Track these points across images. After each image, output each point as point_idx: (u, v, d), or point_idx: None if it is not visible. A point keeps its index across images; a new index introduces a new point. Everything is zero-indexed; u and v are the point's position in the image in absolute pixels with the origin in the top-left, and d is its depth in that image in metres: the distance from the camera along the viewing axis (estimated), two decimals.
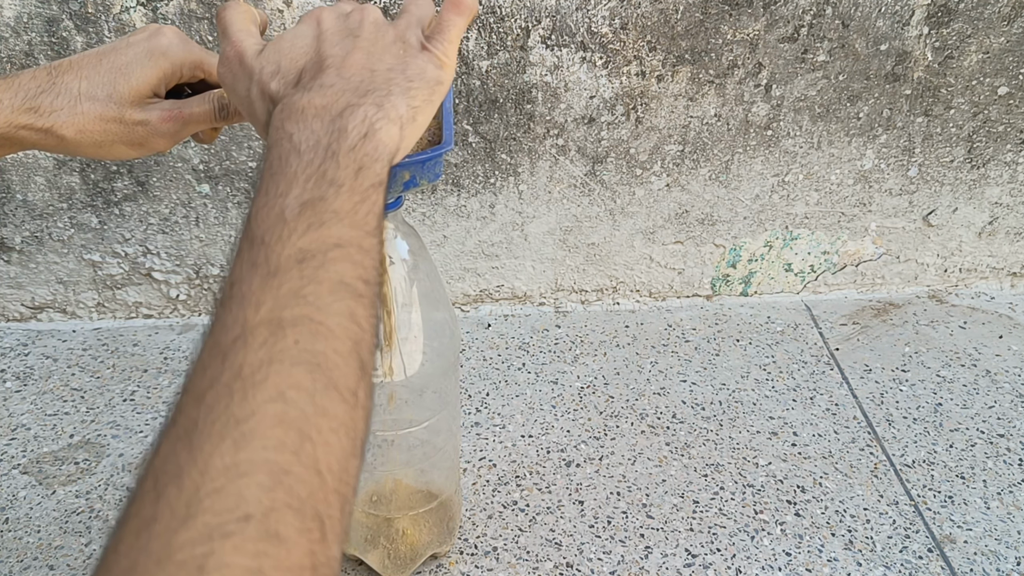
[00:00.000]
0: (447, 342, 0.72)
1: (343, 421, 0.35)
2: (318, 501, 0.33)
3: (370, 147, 0.41)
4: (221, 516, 0.31)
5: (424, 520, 0.78)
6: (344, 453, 0.35)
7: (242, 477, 0.32)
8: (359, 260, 0.39)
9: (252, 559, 0.30)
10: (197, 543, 0.30)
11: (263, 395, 0.34)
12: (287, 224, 0.38)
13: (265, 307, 0.36)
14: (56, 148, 0.55)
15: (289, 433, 0.33)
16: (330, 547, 0.33)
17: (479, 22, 0.96)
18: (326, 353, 0.36)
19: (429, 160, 0.56)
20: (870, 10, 0.99)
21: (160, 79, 0.56)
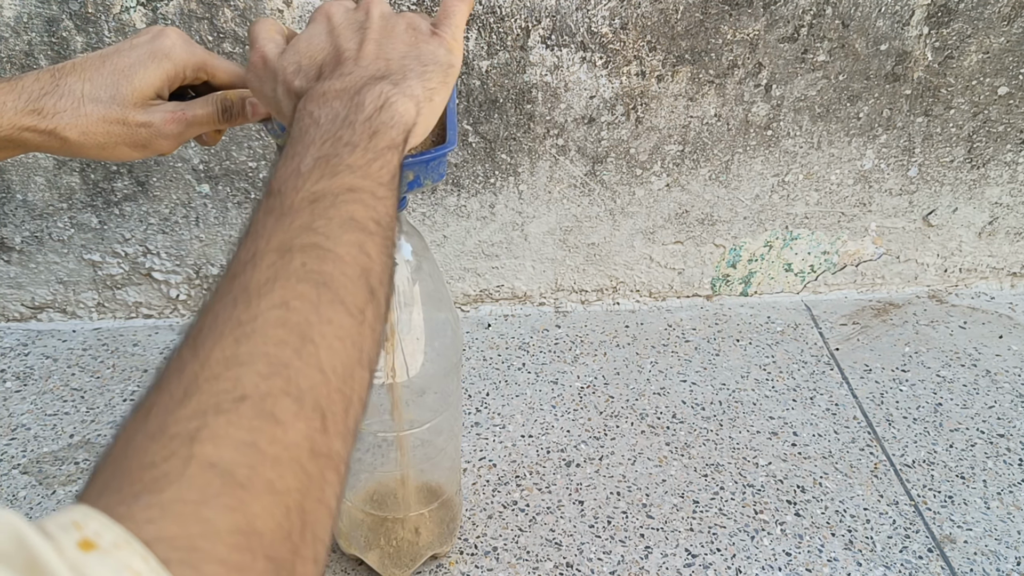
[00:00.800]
0: (449, 343, 0.72)
1: (348, 332, 0.35)
2: (319, 395, 0.33)
3: (386, 116, 0.43)
4: (217, 397, 0.31)
5: (425, 520, 0.78)
6: (349, 360, 0.35)
7: (240, 366, 0.32)
8: (371, 204, 0.40)
9: (246, 433, 0.30)
10: (191, 418, 0.30)
11: (267, 303, 0.34)
12: (301, 175, 0.40)
13: (276, 238, 0.37)
14: (59, 150, 0.55)
15: (291, 334, 0.34)
16: (331, 439, 0.33)
17: (479, 22, 0.96)
18: (333, 274, 0.36)
19: (433, 160, 0.56)
20: (870, 10, 0.99)
21: (163, 81, 0.56)
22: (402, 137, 0.44)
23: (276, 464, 0.31)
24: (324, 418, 0.33)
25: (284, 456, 0.31)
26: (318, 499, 0.32)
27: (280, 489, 0.30)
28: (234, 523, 0.28)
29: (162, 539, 0.27)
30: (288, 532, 0.30)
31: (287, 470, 0.31)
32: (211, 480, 0.29)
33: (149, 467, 0.29)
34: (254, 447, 0.30)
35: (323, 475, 0.32)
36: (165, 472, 0.29)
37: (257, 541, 0.29)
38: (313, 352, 0.34)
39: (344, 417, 0.34)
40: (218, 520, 0.28)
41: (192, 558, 0.27)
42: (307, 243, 0.37)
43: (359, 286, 0.37)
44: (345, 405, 0.34)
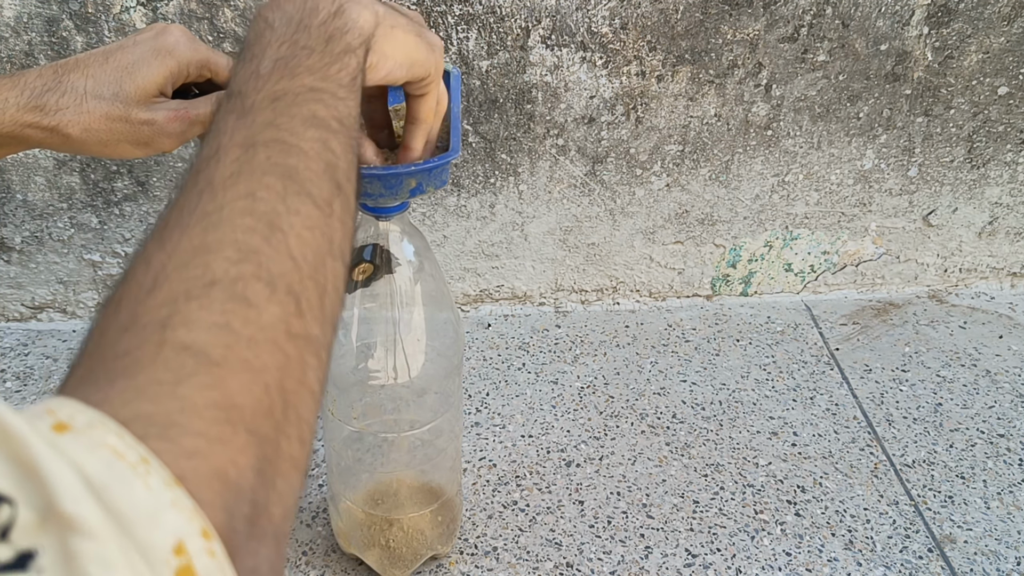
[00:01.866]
0: (450, 343, 0.72)
1: (317, 223, 0.35)
2: (291, 280, 0.33)
3: (340, 22, 0.43)
4: (186, 284, 0.30)
5: (425, 521, 0.78)
6: (319, 249, 0.35)
7: (209, 253, 0.32)
8: (332, 104, 0.39)
9: (219, 315, 0.30)
10: (161, 306, 0.30)
11: (233, 193, 0.34)
12: (261, 77, 0.39)
13: (240, 135, 0.36)
14: (61, 147, 0.55)
15: (259, 223, 0.33)
16: (308, 323, 0.32)
17: (479, 22, 0.96)
18: (298, 167, 0.36)
19: (436, 168, 0.56)
20: (870, 10, 0.99)
21: (166, 78, 0.56)
22: (359, 42, 0.43)
23: (251, 344, 0.30)
24: (298, 302, 0.32)
25: (259, 336, 0.30)
26: (299, 380, 0.31)
27: (257, 367, 0.30)
28: (211, 399, 0.28)
29: (138, 417, 0.26)
30: (269, 408, 0.29)
31: (263, 349, 0.30)
32: (185, 361, 0.28)
33: (122, 355, 0.28)
34: (227, 328, 0.30)
35: (302, 357, 0.32)
36: (138, 358, 0.28)
37: (237, 415, 0.28)
38: (282, 240, 0.33)
39: (320, 303, 0.34)
40: (195, 396, 0.28)
41: (170, 432, 0.26)
42: (271, 138, 0.36)
43: (325, 180, 0.36)
44: (319, 292, 0.34)
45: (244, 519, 0.27)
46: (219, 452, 0.27)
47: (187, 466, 0.26)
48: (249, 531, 0.27)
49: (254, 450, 0.28)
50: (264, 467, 0.28)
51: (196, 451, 0.27)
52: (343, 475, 0.77)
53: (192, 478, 0.26)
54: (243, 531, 0.27)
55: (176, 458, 0.26)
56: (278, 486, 0.29)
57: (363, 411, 0.74)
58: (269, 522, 0.29)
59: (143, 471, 0.25)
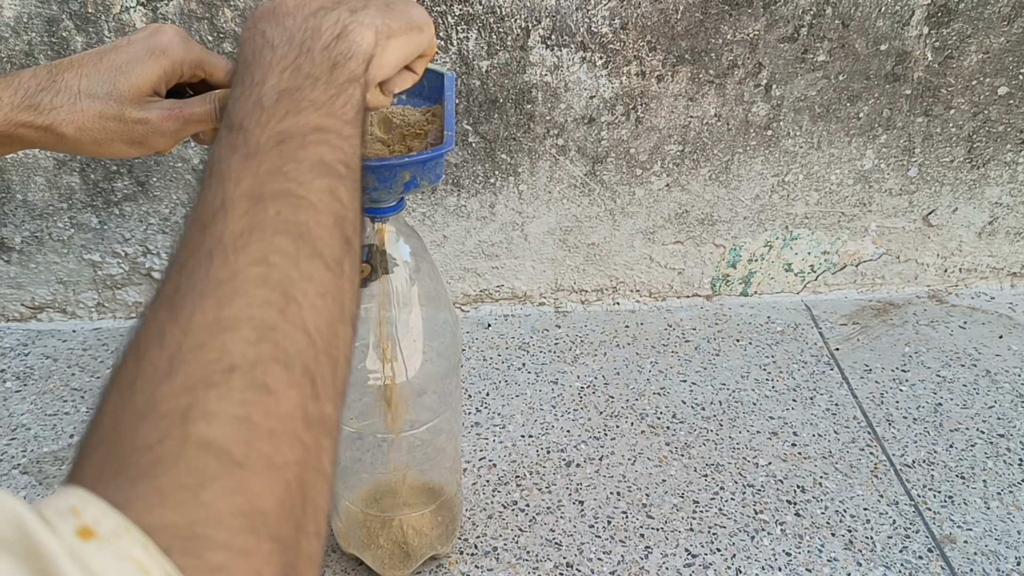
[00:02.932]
0: (448, 343, 0.72)
1: (329, 288, 0.35)
2: (307, 359, 0.32)
3: (343, 46, 0.42)
4: (204, 368, 0.30)
5: (425, 520, 0.78)
6: (332, 317, 0.34)
7: (225, 332, 0.31)
8: (338, 145, 0.39)
9: (239, 407, 0.29)
10: (180, 394, 0.29)
11: (245, 259, 0.33)
12: (265, 110, 0.38)
13: (245, 183, 0.36)
14: (56, 146, 0.55)
15: (273, 293, 0.33)
16: (323, 404, 0.32)
17: (479, 22, 0.96)
18: (308, 224, 0.35)
19: (430, 160, 0.56)
20: (870, 10, 0.99)
21: (160, 77, 0.55)
22: (362, 68, 0.43)
23: (272, 437, 0.30)
24: (314, 383, 0.32)
25: (279, 428, 0.30)
26: (316, 469, 0.31)
27: (279, 464, 0.29)
28: (235, 506, 0.28)
29: (163, 527, 0.26)
30: (291, 509, 0.29)
31: (284, 443, 0.30)
32: (208, 461, 0.28)
33: (143, 450, 0.28)
34: (248, 422, 0.29)
35: (318, 443, 0.31)
36: (160, 456, 0.28)
37: (261, 522, 0.28)
38: (297, 312, 0.33)
39: (332, 379, 0.33)
40: (219, 504, 0.27)
41: (194, 546, 0.26)
42: (279, 190, 0.35)
43: (335, 236, 0.36)
44: (332, 367, 0.33)
45: None
46: (244, 565, 0.27)
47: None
48: None
49: (278, 558, 0.28)
50: (287, 573, 0.28)
51: (222, 566, 0.26)
52: (343, 475, 0.77)
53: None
54: None
55: (201, 574, 0.26)
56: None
57: (362, 411, 0.74)
58: None
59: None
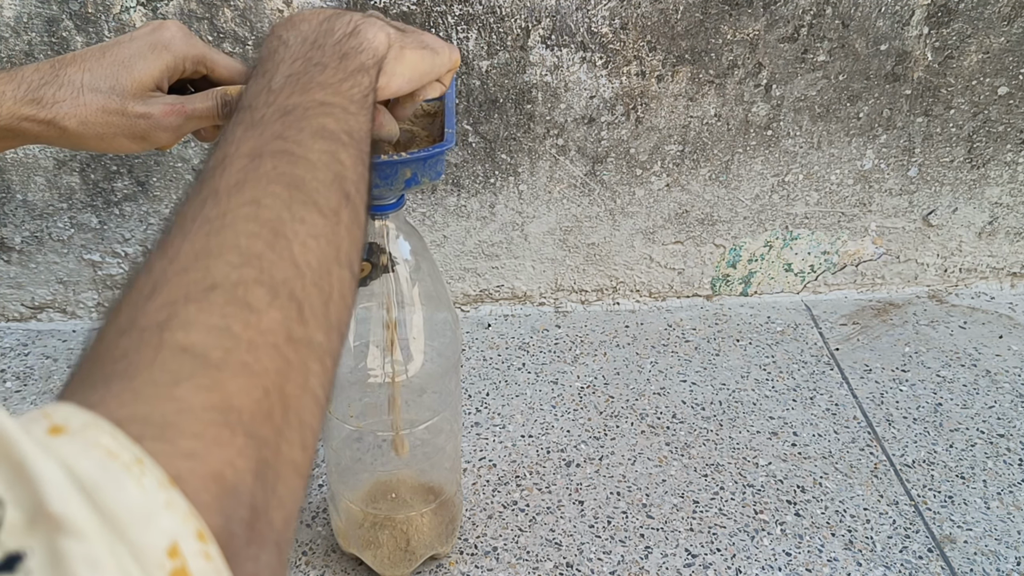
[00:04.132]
0: (448, 342, 0.72)
1: (323, 231, 0.35)
2: (294, 287, 0.32)
3: (355, 42, 0.44)
4: (186, 287, 0.30)
5: (425, 520, 0.78)
6: (325, 257, 0.34)
7: (210, 257, 0.31)
8: (343, 118, 0.39)
9: (219, 318, 0.29)
10: (160, 309, 0.29)
11: (237, 200, 0.33)
12: (272, 92, 0.40)
13: (247, 145, 0.36)
14: (58, 140, 0.55)
15: (263, 229, 0.33)
16: (310, 329, 0.32)
17: (479, 22, 0.96)
18: (304, 178, 0.35)
19: (431, 157, 0.56)
20: (870, 10, 0.99)
21: (163, 72, 0.56)
22: (372, 62, 0.44)
23: (251, 347, 0.29)
24: (301, 309, 0.32)
25: (259, 340, 0.30)
26: (300, 385, 0.31)
27: (257, 371, 0.29)
28: (209, 401, 0.27)
29: (134, 419, 0.26)
30: (268, 412, 0.29)
31: (263, 353, 0.30)
32: (183, 362, 0.28)
33: (120, 358, 0.28)
34: (227, 331, 0.29)
35: (304, 363, 0.31)
36: (135, 361, 0.28)
37: (235, 417, 0.28)
38: (286, 246, 0.33)
39: (324, 310, 0.33)
40: (192, 398, 0.27)
41: (166, 433, 0.26)
42: (278, 149, 0.36)
43: (332, 190, 0.36)
44: (324, 299, 0.33)
45: (242, 523, 0.27)
46: (216, 454, 0.27)
47: (183, 467, 0.25)
48: (248, 536, 0.27)
49: (253, 453, 0.28)
50: (264, 471, 0.28)
51: (193, 453, 0.26)
52: (343, 474, 0.77)
53: (188, 479, 0.25)
54: (242, 535, 0.27)
55: (172, 459, 0.25)
56: (279, 491, 0.29)
57: (362, 410, 0.74)
58: (269, 527, 0.28)
59: (137, 472, 0.24)
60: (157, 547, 0.23)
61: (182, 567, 0.24)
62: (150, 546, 0.23)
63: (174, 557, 0.24)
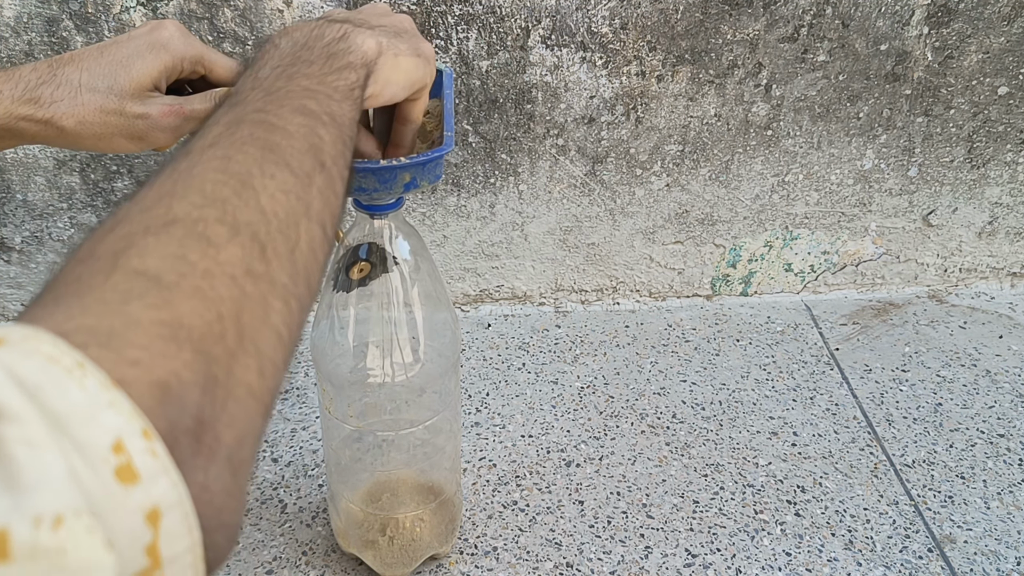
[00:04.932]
0: (448, 342, 0.72)
1: (293, 188, 0.35)
2: (258, 230, 0.32)
3: (343, 45, 0.45)
4: (146, 222, 0.30)
5: (424, 520, 0.78)
6: (293, 210, 0.34)
7: (173, 197, 0.31)
8: (325, 102, 0.40)
9: (176, 247, 0.29)
10: (118, 241, 0.29)
11: (208, 155, 0.34)
12: (259, 80, 0.41)
13: (225, 119, 0.37)
14: (56, 140, 0.55)
15: (230, 179, 0.33)
16: (273, 269, 0.32)
17: (479, 22, 0.96)
18: (280, 143, 0.36)
19: (430, 162, 0.56)
20: (870, 10, 0.99)
21: (161, 72, 0.56)
22: (360, 63, 0.44)
23: (207, 275, 0.29)
24: (264, 249, 0.32)
25: (215, 270, 0.30)
26: (259, 318, 0.31)
27: (211, 297, 0.29)
28: (158, 316, 0.27)
29: (79, 329, 0.26)
30: (221, 334, 0.29)
31: (218, 281, 0.30)
32: (135, 283, 0.28)
33: (73, 281, 0.28)
34: (183, 259, 0.29)
35: (264, 298, 0.31)
36: (88, 283, 0.28)
37: (184, 334, 0.28)
38: (252, 196, 0.33)
39: (289, 256, 0.33)
40: (140, 314, 0.27)
41: (112, 342, 0.26)
42: (257, 120, 0.36)
43: (307, 156, 0.36)
44: (289, 246, 0.33)
45: (187, 433, 0.27)
46: (161, 364, 0.27)
47: (127, 373, 0.25)
48: (194, 447, 0.27)
49: (201, 367, 0.28)
50: (211, 387, 0.28)
51: (137, 361, 0.26)
52: (342, 474, 0.77)
53: (132, 384, 0.25)
54: (187, 445, 0.27)
55: (115, 365, 0.25)
56: (229, 408, 0.29)
57: (362, 410, 0.74)
58: (217, 442, 0.28)
59: (79, 375, 0.24)
60: (101, 443, 0.24)
61: (127, 462, 0.24)
62: (94, 442, 0.23)
63: (119, 452, 0.24)
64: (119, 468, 0.24)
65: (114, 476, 0.24)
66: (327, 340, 0.70)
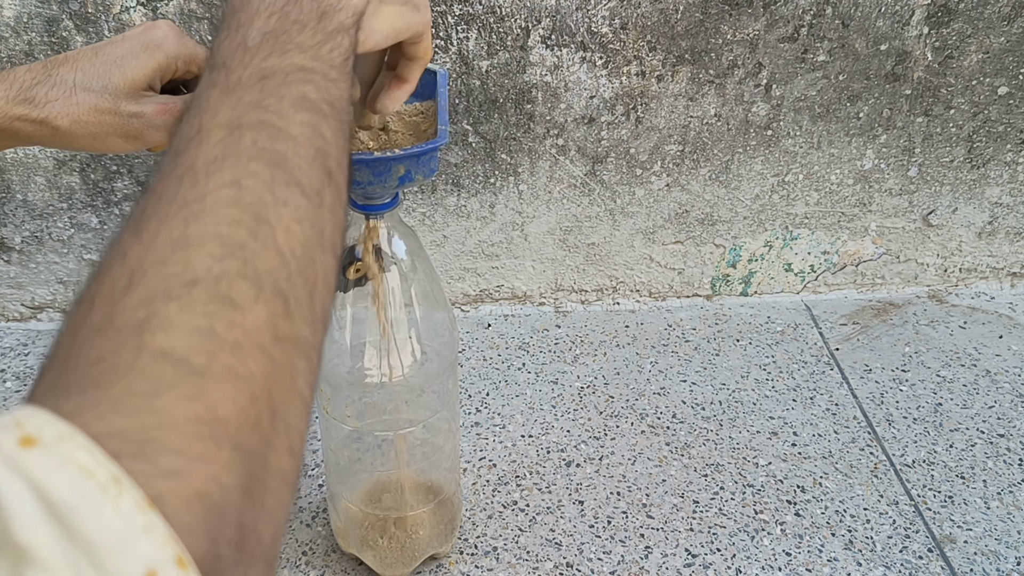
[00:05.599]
0: (445, 342, 0.72)
1: (306, 214, 0.33)
2: (279, 278, 0.30)
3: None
4: (166, 282, 0.28)
5: (424, 519, 0.78)
6: (309, 243, 0.32)
7: (190, 248, 0.29)
8: (323, 86, 0.37)
9: (201, 318, 0.27)
10: (138, 307, 0.27)
11: (216, 182, 0.31)
12: (248, 50, 0.37)
13: (223, 114, 0.34)
14: (51, 140, 0.55)
15: (244, 215, 0.31)
16: (296, 324, 0.30)
17: (479, 22, 0.96)
18: (287, 154, 0.34)
19: (424, 154, 0.56)
20: (870, 10, 0.99)
21: (155, 71, 0.56)
22: (351, 20, 0.42)
23: (236, 350, 0.28)
24: (287, 302, 0.30)
25: (244, 341, 0.28)
26: (287, 387, 0.29)
27: (243, 375, 0.27)
28: (192, 412, 0.26)
29: (112, 434, 0.24)
30: (256, 421, 0.27)
31: (249, 356, 0.28)
32: (164, 370, 0.26)
33: (96, 362, 0.26)
34: (210, 333, 0.27)
35: (291, 361, 0.30)
36: (113, 366, 0.26)
37: (221, 429, 0.26)
38: (269, 233, 0.31)
39: (309, 302, 0.31)
40: (174, 410, 0.25)
41: (146, 450, 0.24)
42: (257, 120, 0.34)
43: (315, 168, 0.34)
44: (309, 290, 0.32)
45: (230, 544, 0.25)
46: (201, 471, 0.25)
47: (165, 487, 0.24)
48: (237, 556, 0.25)
49: (240, 467, 0.26)
50: (252, 485, 0.26)
51: (175, 471, 0.24)
52: (341, 474, 0.77)
53: (171, 500, 0.24)
54: (230, 557, 0.25)
55: (152, 479, 0.24)
56: (268, 504, 0.27)
57: (361, 410, 0.74)
58: (259, 544, 0.26)
59: (114, 492, 0.23)
60: (133, 574, 0.22)
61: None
62: (125, 574, 0.22)
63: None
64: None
65: None
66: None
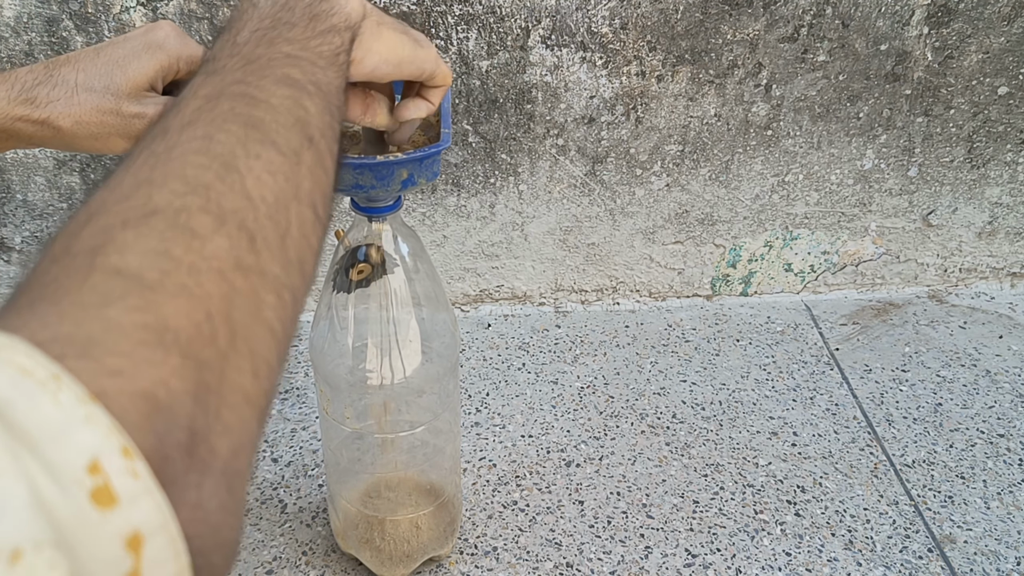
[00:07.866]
0: (447, 343, 0.72)
1: (280, 168, 0.32)
2: (245, 218, 0.30)
3: (326, 5, 0.42)
4: (124, 214, 0.28)
5: (424, 521, 0.78)
6: (282, 193, 0.32)
7: (151, 185, 0.29)
8: (310, 70, 0.38)
9: (157, 242, 0.27)
10: (95, 235, 0.27)
11: (188, 135, 0.31)
12: (237, 45, 0.38)
13: (204, 89, 0.35)
14: (53, 141, 0.55)
15: (213, 161, 0.31)
16: (263, 260, 0.30)
17: (479, 22, 0.96)
18: (264, 119, 0.34)
19: (427, 158, 0.56)
20: (870, 10, 0.99)
21: (157, 72, 0.56)
22: (344, 25, 0.42)
23: (193, 271, 0.27)
24: (253, 240, 0.30)
25: (202, 265, 0.28)
26: (251, 313, 0.29)
27: (198, 295, 0.27)
28: (141, 320, 0.25)
29: (56, 339, 0.24)
30: (212, 336, 0.27)
31: (206, 278, 0.27)
32: (115, 284, 0.26)
33: (49, 283, 0.26)
34: (166, 255, 0.27)
35: (256, 292, 0.29)
36: (64, 284, 0.26)
37: (171, 338, 0.25)
38: (238, 180, 0.31)
39: (280, 243, 0.31)
40: (122, 318, 0.25)
41: (90, 351, 0.24)
42: (237, 92, 0.34)
43: (294, 132, 0.34)
44: (280, 233, 0.31)
45: (179, 447, 0.25)
46: (147, 372, 0.24)
47: (108, 384, 0.23)
48: (188, 463, 0.25)
49: (191, 375, 0.25)
50: (204, 395, 0.26)
51: (119, 371, 0.24)
52: (342, 475, 0.77)
53: (115, 396, 0.23)
54: (179, 460, 0.25)
55: (96, 376, 0.23)
56: (224, 417, 0.27)
57: (360, 412, 0.74)
58: (212, 454, 0.26)
59: (53, 388, 0.22)
60: (75, 463, 0.22)
61: (105, 484, 0.22)
62: (66, 462, 0.22)
63: (95, 473, 0.22)
64: (95, 491, 0.22)
65: (89, 500, 0.22)
66: (326, 341, 0.70)
